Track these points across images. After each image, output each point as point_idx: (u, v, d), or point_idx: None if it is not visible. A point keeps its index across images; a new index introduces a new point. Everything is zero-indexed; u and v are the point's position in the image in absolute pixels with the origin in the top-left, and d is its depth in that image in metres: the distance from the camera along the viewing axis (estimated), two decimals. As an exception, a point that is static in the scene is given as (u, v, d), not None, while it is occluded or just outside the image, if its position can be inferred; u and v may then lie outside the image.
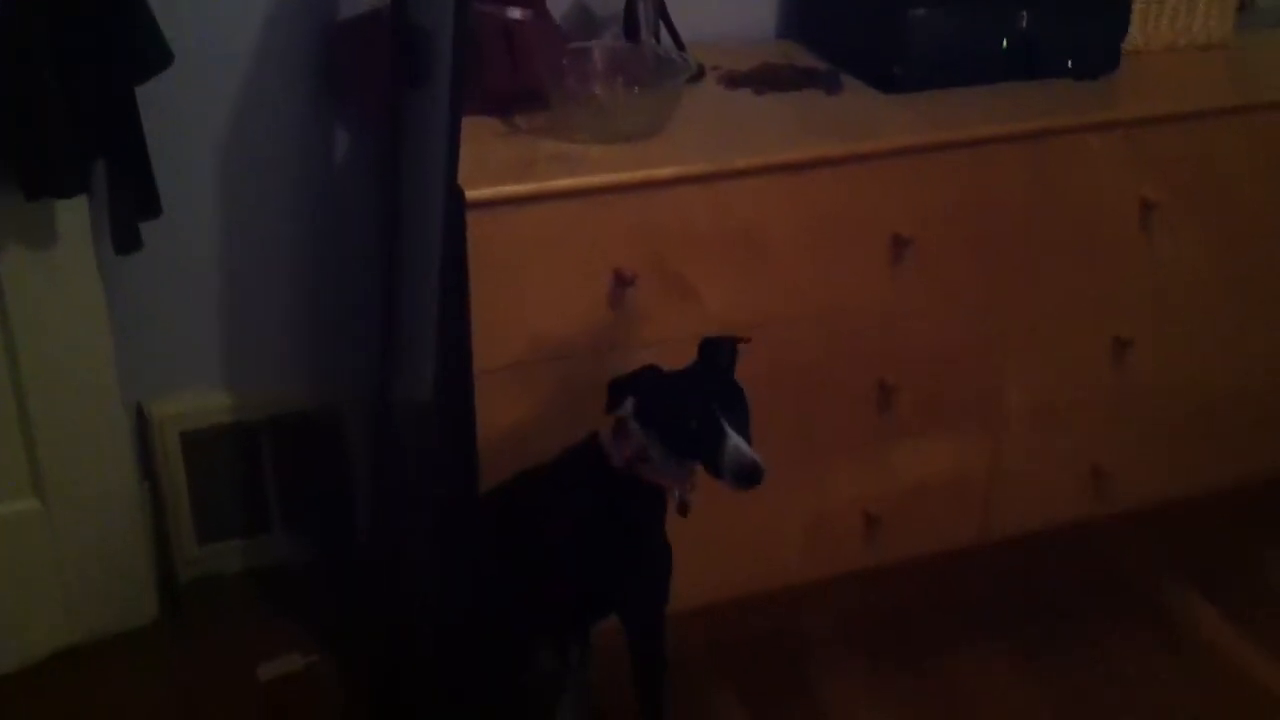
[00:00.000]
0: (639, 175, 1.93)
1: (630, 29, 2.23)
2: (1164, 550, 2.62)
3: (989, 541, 2.50)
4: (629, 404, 1.77)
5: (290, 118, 2.24)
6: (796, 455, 2.24)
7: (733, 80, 2.29)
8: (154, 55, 1.92)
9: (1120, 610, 2.48)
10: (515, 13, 2.07)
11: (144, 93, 1.95)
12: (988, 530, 2.48)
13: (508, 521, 1.89)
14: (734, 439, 1.68)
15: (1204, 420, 2.57)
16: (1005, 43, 2.25)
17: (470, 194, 1.84)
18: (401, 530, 2.29)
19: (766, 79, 2.28)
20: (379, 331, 2.22)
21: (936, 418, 2.33)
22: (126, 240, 2.02)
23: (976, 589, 2.51)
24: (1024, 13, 2.24)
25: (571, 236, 1.93)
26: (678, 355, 1.91)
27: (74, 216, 2.03)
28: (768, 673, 2.30)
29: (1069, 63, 2.32)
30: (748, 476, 1.67)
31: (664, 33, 2.27)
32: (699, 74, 2.26)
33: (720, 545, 2.24)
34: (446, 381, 2.02)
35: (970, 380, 2.32)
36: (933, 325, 2.24)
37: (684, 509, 1.82)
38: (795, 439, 2.22)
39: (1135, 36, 2.42)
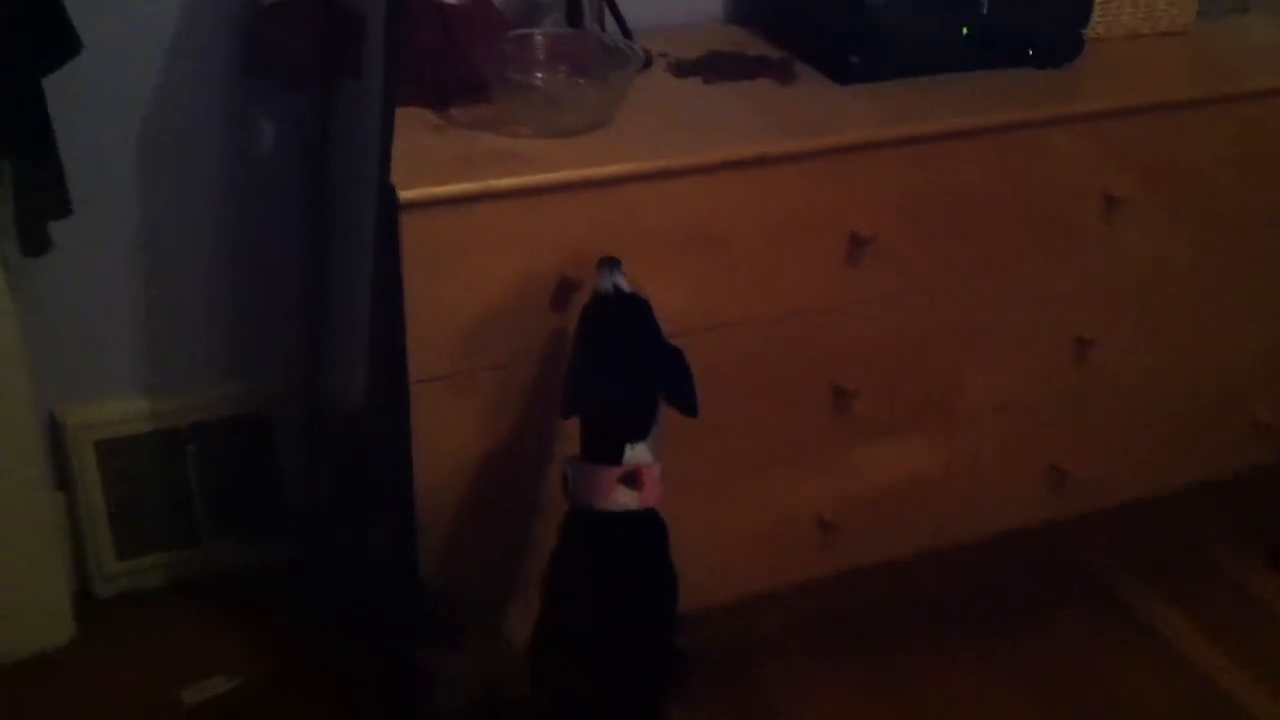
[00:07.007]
0: (585, 173, 1.83)
1: (574, 15, 2.13)
2: (1123, 547, 2.63)
3: (946, 545, 2.44)
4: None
5: (212, 108, 2.13)
6: (749, 460, 2.16)
7: (681, 69, 2.18)
8: (62, 43, 1.82)
9: (1080, 606, 2.50)
10: (453, -4, 1.98)
11: (51, 84, 1.86)
12: (944, 534, 2.42)
13: None
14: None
15: (1165, 420, 2.52)
16: (966, 30, 2.17)
17: (404, 195, 1.73)
18: (341, 540, 2.22)
19: (717, 68, 2.18)
20: (307, 333, 2.13)
21: (893, 421, 2.25)
22: (35, 241, 1.95)
23: (935, 587, 2.49)
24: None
25: (513, 238, 1.82)
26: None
27: (-24, 216, 1.93)
28: (726, 682, 2.26)
29: (1030, 51, 2.24)
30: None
31: (609, 18, 2.17)
32: (646, 63, 2.16)
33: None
34: (380, 389, 1.94)
35: (928, 382, 2.25)
36: (890, 326, 2.16)
37: None
38: (748, 443, 2.15)
39: (1096, 24, 2.35)
